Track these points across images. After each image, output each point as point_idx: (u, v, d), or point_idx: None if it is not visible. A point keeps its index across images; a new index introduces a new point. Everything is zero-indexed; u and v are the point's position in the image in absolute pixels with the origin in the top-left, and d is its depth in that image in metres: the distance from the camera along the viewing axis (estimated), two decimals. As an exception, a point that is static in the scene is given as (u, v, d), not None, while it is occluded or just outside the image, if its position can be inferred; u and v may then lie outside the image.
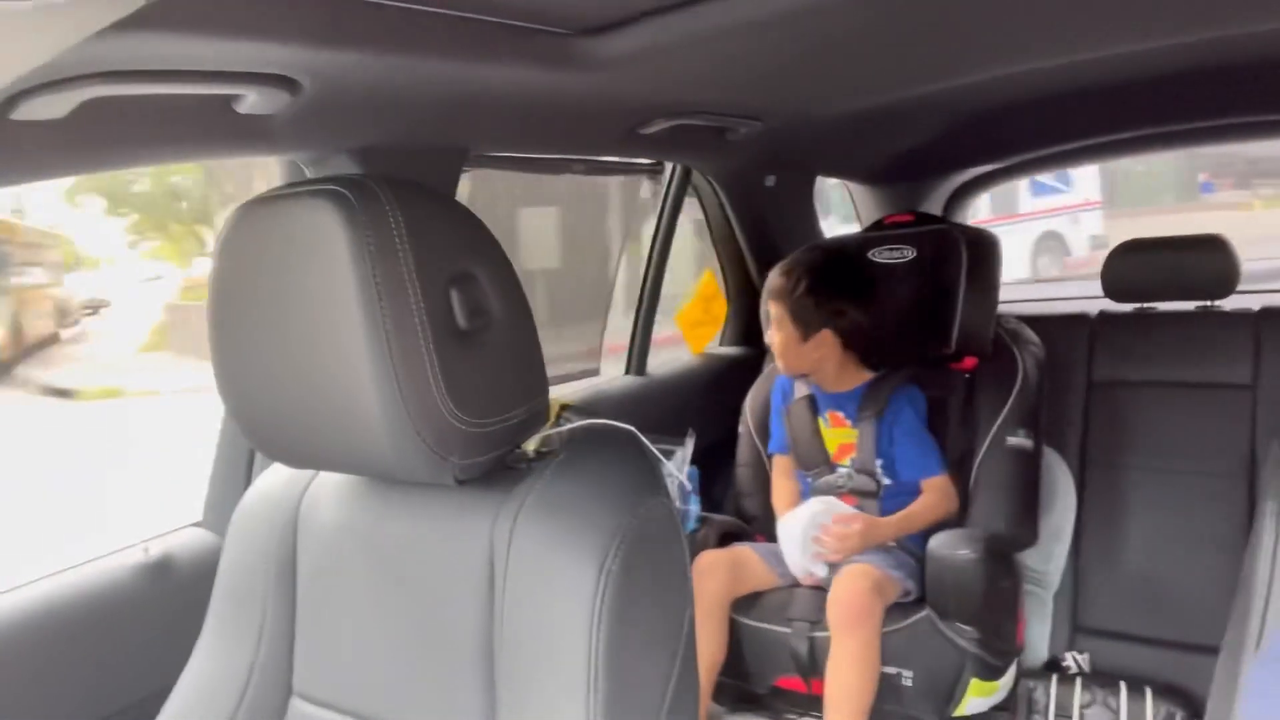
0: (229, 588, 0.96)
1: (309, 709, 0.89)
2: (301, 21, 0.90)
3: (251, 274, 0.76)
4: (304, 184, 0.76)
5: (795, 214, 2.45)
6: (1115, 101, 2.07)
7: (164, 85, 0.90)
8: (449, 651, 0.81)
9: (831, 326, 1.86)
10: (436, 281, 0.74)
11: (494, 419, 0.78)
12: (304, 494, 0.93)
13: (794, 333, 1.87)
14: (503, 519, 0.80)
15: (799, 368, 1.93)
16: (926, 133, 2.25)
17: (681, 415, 2.11)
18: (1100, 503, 2.02)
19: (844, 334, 1.88)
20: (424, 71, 1.10)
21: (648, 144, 1.80)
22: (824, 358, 1.89)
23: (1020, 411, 1.89)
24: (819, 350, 1.88)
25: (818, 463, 1.93)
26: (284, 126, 1.11)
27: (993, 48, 1.54)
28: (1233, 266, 2.00)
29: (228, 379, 0.81)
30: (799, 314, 1.86)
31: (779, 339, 1.90)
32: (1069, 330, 2.10)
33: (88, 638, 1.19)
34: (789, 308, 1.87)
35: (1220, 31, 1.47)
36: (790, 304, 1.87)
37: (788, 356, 1.91)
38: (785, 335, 1.89)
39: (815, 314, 1.86)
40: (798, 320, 1.87)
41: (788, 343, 1.89)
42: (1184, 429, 1.97)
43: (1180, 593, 1.92)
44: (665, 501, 0.83)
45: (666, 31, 1.16)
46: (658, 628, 0.79)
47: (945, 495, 1.86)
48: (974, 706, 1.72)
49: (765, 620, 1.78)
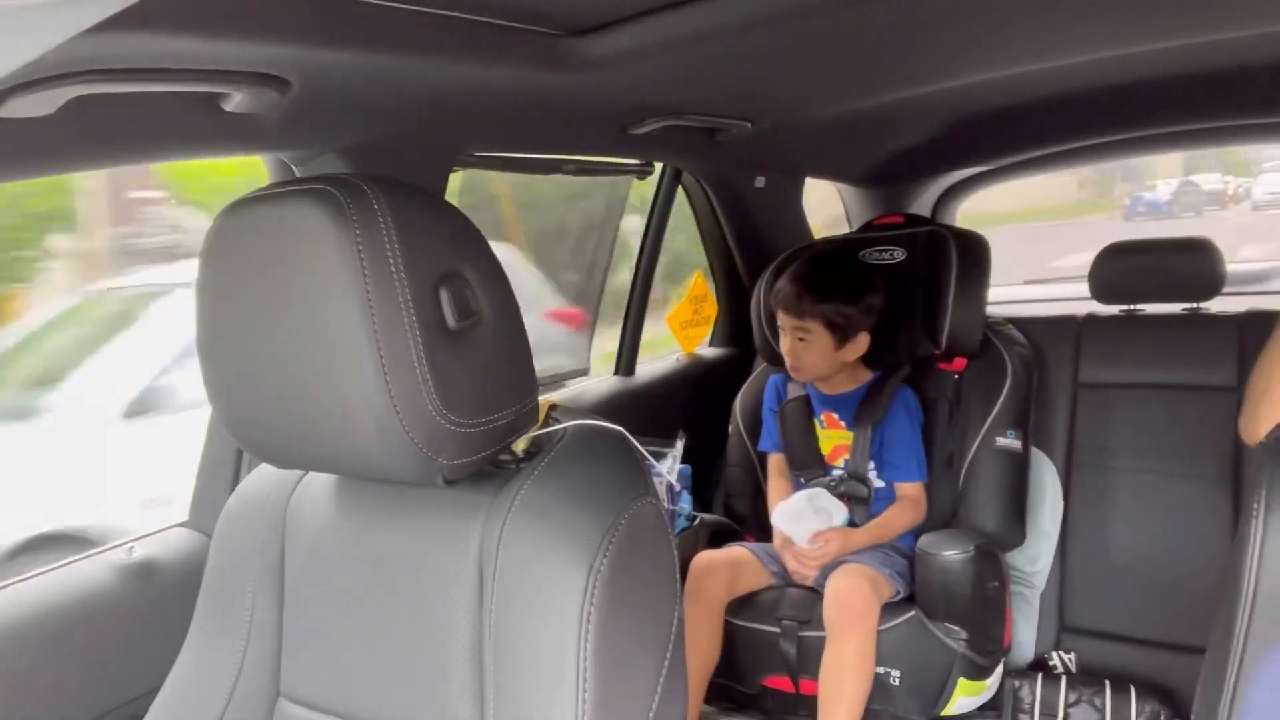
0: (216, 588, 0.95)
1: (296, 710, 0.89)
2: (291, 20, 0.89)
3: (239, 274, 0.76)
4: (293, 183, 0.75)
5: (784, 215, 2.46)
6: (1103, 104, 2.09)
7: (152, 84, 0.90)
8: (437, 652, 0.81)
9: (867, 326, 1.85)
10: (425, 281, 0.73)
11: (483, 419, 0.77)
12: (292, 494, 0.93)
13: (828, 339, 1.83)
14: (491, 520, 0.80)
15: (826, 373, 1.90)
16: (915, 135, 2.26)
17: (670, 416, 2.11)
18: (1086, 503, 2.03)
19: (873, 332, 1.87)
20: (414, 71, 1.10)
21: (638, 144, 1.80)
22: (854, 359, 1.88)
23: (1009, 412, 1.90)
24: (855, 352, 1.86)
25: (811, 464, 1.93)
26: (273, 125, 1.10)
27: (982, 51, 1.55)
28: (1219, 269, 2.01)
29: (215, 379, 0.80)
30: (837, 320, 1.82)
31: (810, 350, 1.84)
32: (1056, 332, 2.12)
33: (73, 639, 1.18)
34: (824, 316, 1.82)
35: (1206, 36, 1.49)
36: (825, 311, 1.82)
37: (821, 363, 1.85)
38: (819, 343, 1.83)
39: (852, 316, 1.83)
40: (834, 327, 1.82)
41: (823, 350, 1.84)
42: (1170, 430, 1.98)
43: (1165, 593, 1.94)
44: (654, 502, 0.83)
45: (656, 32, 1.16)
46: (646, 628, 0.79)
47: (916, 504, 1.86)
48: (962, 706, 1.73)
49: (755, 620, 1.78)
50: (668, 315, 2.39)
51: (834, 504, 1.85)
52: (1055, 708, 1.84)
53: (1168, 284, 2.05)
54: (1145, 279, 2.08)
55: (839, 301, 1.82)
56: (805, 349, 1.85)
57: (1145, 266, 2.09)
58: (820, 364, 1.87)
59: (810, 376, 1.92)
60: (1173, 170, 14.91)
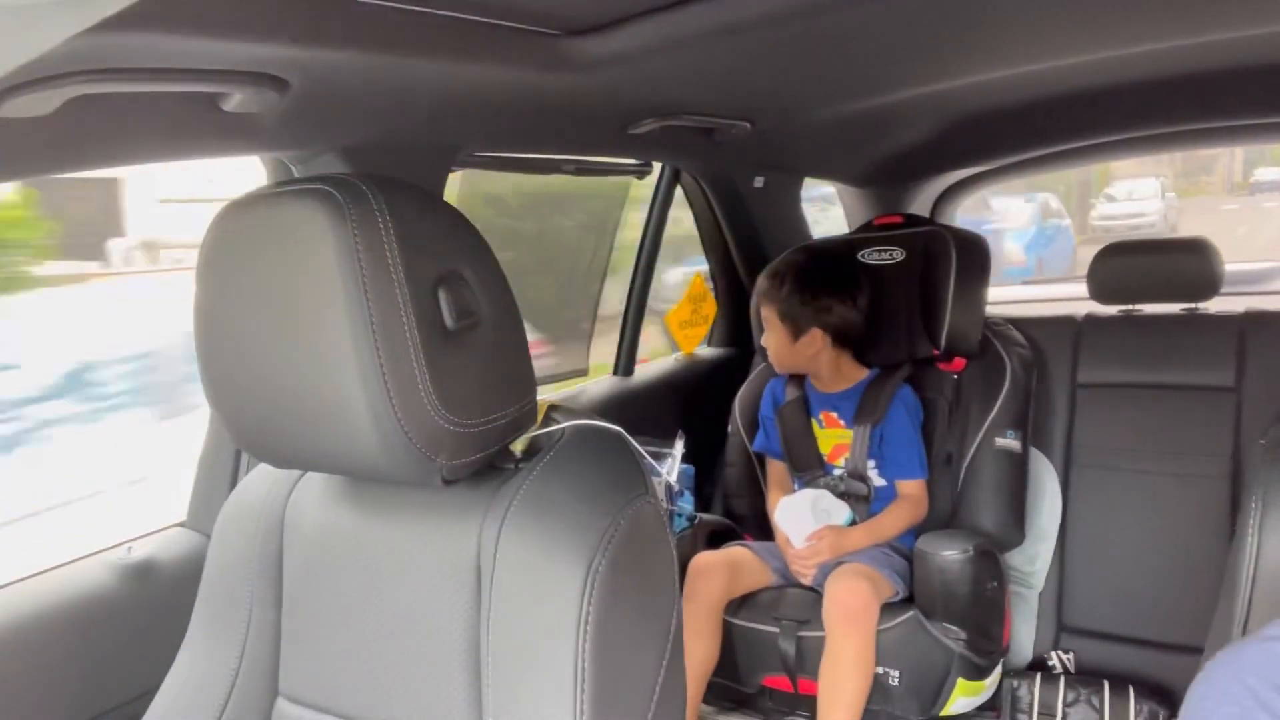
0: (214, 588, 0.95)
1: (294, 710, 0.89)
2: (290, 20, 0.89)
3: (238, 273, 0.76)
4: (291, 183, 0.75)
5: (783, 215, 2.46)
6: (1102, 104, 2.09)
7: (150, 84, 0.89)
8: (436, 653, 0.81)
9: (819, 324, 1.88)
10: (424, 281, 0.73)
11: (482, 419, 0.77)
12: (290, 494, 0.93)
13: (784, 332, 1.90)
14: (490, 520, 0.80)
15: (792, 367, 1.96)
16: (915, 135, 2.26)
17: (670, 416, 2.12)
18: (1085, 504, 2.04)
19: (833, 331, 1.89)
20: (413, 71, 1.10)
21: (637, 144, 1.80)
22: (816, 356, 1.90)
23: (1008, 413, 1.90)
24: (810, 349, 1.90)
25: (811, 465, 1.94)
26: (272, 125, 1.10)
27: (981, 51, 1.55)
28: (1217, 269, 2.01)
29: (214, 379, 0.80)
30: (787, 313, 1.89)
31: (771, 340, 1.93)
32: (1055, 332, 2.12)
33: (71, 639, 1.18)
34: (778, 308, 1.89)
35: (1206, 36, 1.49)
36: (779, 304, 1.89)
37: (780, 356, 1.94)
38: (777, 336, 1.91)
39: (803, 312, 1.88)
40: (786, 319, 1.89)
41: (780, 343, 1.91)
42: (1168, 431, 1.98)
43: (1164, 593, 1.94)
44: (652, 502, 0.83)
45: (656, 32, 1.16)
46: (645, 628, 0.79)
47: (917, 503, 1.87)
48: (960, 706, 1.73)
49: (753, 620, 1.78)
50: (666, 315, 2.39)
51: (836, 505, 1.85)
52: (1054, 708, 1.84)
53: (1166, 284, 2.05)
54: (1144, 279, 2.08)
55: (791, 294, 1.88)
56: (768, 339, 1.94)
57: (1144, 267, 2.09)
58: (779, 355, 1.94)
59: (781, 368, 1.98)
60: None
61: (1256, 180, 14.76)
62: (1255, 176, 14.80)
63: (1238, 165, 15.23)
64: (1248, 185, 14.97)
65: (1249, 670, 0.67)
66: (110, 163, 1.15)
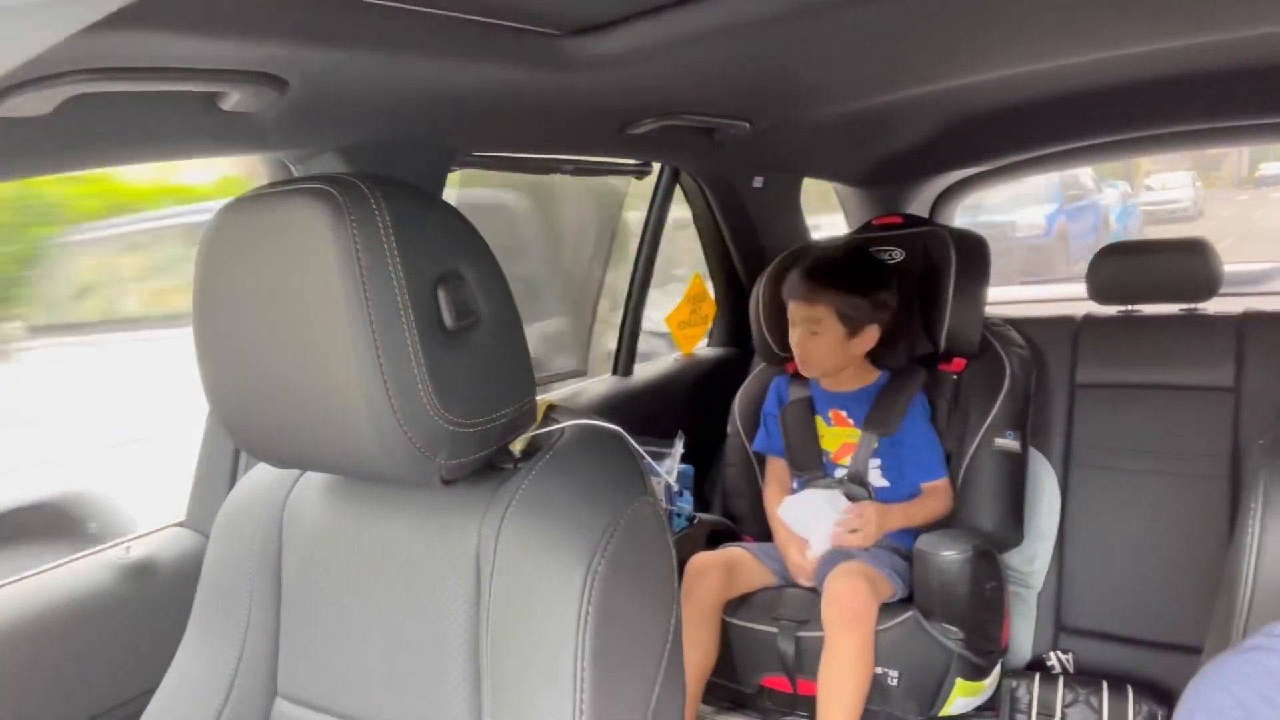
0: (213, 588, 0.95)
1: (293, 709, 0.89)
2: (289, 19, 0.89)
3: (237, 273, 0.76)
4: (290, 182, 0.75)
5: (782, 215, 2.46)
6: (1102, 104, 2.09)
7: (148, 83, 0.89)
8: (435, 652, 0.81)
9: (878, 320, 1.87)
10: (423, 281, 0.73)
11: (481, 419, 0.77)
12: (289, 494, 0.93)
13: (839, 330, 1.84)
14: (489, 520, 0.80)
15: (834, 367, 1.90)
16: (914, 135, 2.26)
17: (669, 416, 2.12)
18: (1084, 504, 2.04)
19: (886, 327, 1.88)
20: (412, 70, 1.10)
21: (636, 144, 1.80)
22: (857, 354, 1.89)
23: (1008, 413, 1.90)
24: (864, 345, 1.87)
25: (813, 465, 1.93)
26: (271, 124, 1.10)
27: (980, 51, 1.55)
28: (1215, 270, 2.01)
29: (213, 378, 0.80)
30: (848, 311, 1.84)
31: (819, 339, 1.85)
32: (1054, 332, 2.12)
33: (70, 638, 1.18)
34: (835, 306, 1.83)
35: (1205, 36, 1.49)
36: (836, 302, 1.83)
37: (828, 355, 1.86)
38: (829, 334, 1.84)
39: (865, 309, 1.85)
40: (844, 317, 1.84)
41: (832, 342, 1.85)
42: (1167, 431, 1.98)
43: (1163, 593, 1.94)
44: (652, 502, 0.83)
45: (655, 33, 1.16)
46: (644, 628, 0.79)
47: (946, 498, 1.88)
48: (959, 706, 1.73)
49: (752, 620, 1.78)
50: (665, 315, 2.39)
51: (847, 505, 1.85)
52: (1052, 708, 1.84)
53: (1165, 285, 2.05)
54: (1143, 280, 2.08)
55: (850, 292, 1.83)
56: (815, 341, 1.86)
57: (1143, 267, 2.09)
58: (829, 357, 1.87)
59: (818, 371, 1.92)
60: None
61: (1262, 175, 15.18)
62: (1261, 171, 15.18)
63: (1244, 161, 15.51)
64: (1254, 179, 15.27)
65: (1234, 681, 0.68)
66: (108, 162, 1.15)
